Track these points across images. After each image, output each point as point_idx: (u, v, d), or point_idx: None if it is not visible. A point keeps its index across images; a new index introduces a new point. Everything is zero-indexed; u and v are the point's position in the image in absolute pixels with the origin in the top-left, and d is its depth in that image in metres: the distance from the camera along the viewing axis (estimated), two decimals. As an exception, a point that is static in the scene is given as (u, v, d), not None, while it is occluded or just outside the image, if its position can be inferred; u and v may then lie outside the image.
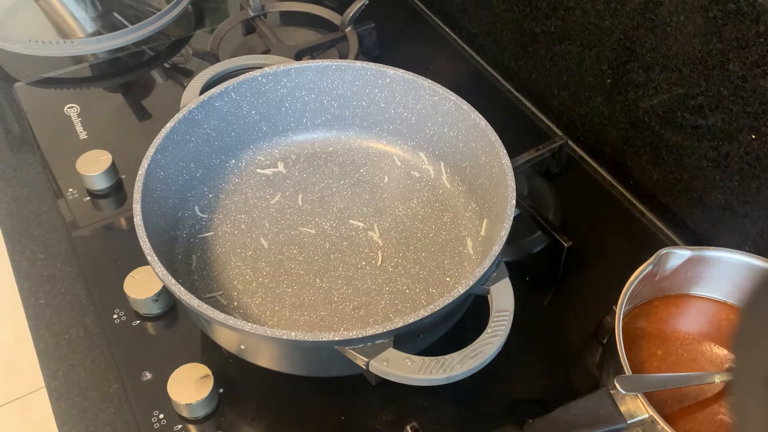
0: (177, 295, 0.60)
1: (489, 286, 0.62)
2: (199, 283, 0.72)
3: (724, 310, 0.69)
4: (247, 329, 0.57)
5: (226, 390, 0.67)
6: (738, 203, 0.73)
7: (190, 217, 0.77)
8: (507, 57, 0.98)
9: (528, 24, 0.91)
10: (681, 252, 0.66)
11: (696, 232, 0.79)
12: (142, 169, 0.68)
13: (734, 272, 0.67)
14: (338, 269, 0.73)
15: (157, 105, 0.97)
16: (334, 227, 0.77)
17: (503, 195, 0.68)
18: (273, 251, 0.75)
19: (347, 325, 0.69)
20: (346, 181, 0.82)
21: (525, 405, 0.68)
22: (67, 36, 1.06)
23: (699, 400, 0.64)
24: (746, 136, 0.69)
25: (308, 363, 0.65)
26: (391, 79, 0.80)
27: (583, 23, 0.82)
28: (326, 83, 0.82)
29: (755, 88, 0.66)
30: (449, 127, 0.79)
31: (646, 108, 0.79)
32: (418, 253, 0.75)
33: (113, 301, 0.74)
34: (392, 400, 0.67)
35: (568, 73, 0.88)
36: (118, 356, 0.70)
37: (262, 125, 0.82)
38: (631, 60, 0.78)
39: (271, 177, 0.82)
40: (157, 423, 0.65)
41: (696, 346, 0.67)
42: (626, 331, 0.63)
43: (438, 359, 0.57)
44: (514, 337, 0.60)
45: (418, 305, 0.70)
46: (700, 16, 0.68)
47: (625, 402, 0.58)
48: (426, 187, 0.81)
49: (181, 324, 0.73)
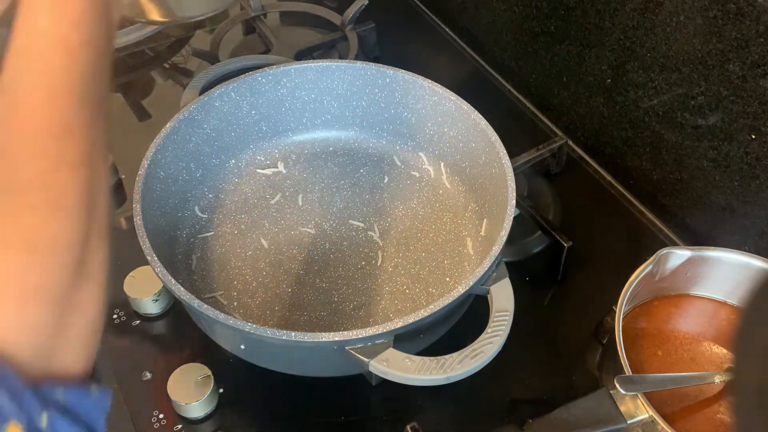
0: (177, 295, 0.60)
1: (489, 286, 0.62)
2: (199, 283, 0.72)
3: (724, 310, 0.69)
4: (247, 329, 0.57)
5: (226, 390, 0.67)
6: (738, 203, 0.73)
7: (190, 217, 0.77)
8: (507, 57, 0.98)
9: (528, 24, 0.91)
10: (681, 252, 0.66)
11: (696, 232, 0.79)
12: (142, 169, 0.68)
13: (734, 272, 0.67)
14: (338, 269, 0.73)
15: (157, 105, 0.97)
16: (334, 227, 0.77)
17: (503, 195, 0.68)
18: (273, 251, 0.75)
19: (347, 325, 0.69)
20: (346, 181, 0.82)
21: (525, 405, 0.68)
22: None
23: (699, 400, 0.64)
24: (746, 136, 0.69)
25: (308, 363, 0.65)
26: (391, 79, 0.80)
27: (583, 23, 0.82)
28: (326, 83, 0.82)
29: (755, 88, 0.66)
30: (449, 127, 0.79)
31: (646, 108, 0.79)
32: (418, 253, 0.75)
33: (113, 301, 0.73)
34: (392, 400, 0.67)
35: (568, 73, 0.88)
36: (118, 356, 0.70)
37: (262, 125, 0.82)
38: (631, 60, 0.78)
39: (271, 177, 0.82)
40: (157, 423, 0.65)
41: (696, 346, 0.67)
42: (626, 331, 0.63)
43: (438, 359, 0.57)
44: (514, 337, 0.60)
45: (418, 305, 0.70)
46: (700, 16, 0.68)
47: (625, 402, 0.58)
48: (426, 187, 0.81)
49: (181, 324, 0.73)
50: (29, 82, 0.37)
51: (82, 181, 0.37)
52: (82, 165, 0.37)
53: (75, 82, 0.38)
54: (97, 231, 0.37)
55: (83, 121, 0.38)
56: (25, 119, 0.36)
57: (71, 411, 0.34)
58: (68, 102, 0.37)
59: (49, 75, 0.37)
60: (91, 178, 0.37)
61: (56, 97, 0.37)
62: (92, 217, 0.37)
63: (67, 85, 0.37)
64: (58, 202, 0.35)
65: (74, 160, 0.37)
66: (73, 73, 0.38)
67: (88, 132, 0.38)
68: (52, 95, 0.37)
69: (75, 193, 0.36)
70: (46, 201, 0.35)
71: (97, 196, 0.37)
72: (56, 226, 0.35)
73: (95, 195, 0.37)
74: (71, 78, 0.38)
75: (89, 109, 0.38)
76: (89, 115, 0.38)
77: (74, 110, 0.37)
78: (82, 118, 0.38)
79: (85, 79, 0.38)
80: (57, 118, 0.37)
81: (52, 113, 0.37)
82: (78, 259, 0.35)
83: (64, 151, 0.36)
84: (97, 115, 0.39)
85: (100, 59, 0.39)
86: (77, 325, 0.36)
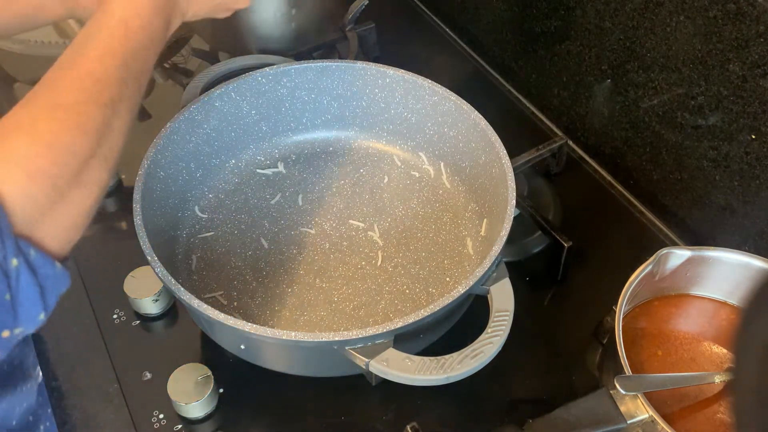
0: (177, 295, 0.60)
1: (489, 286, 0.62)
2: (199, 283, 0.72)
3: (724, 310, 0.69)
4: (247, 329, 0.57)
5: (226, 390, 0.67)
6: (738, 203, 0.73)
7: (190, 217, 0.77)
8: (507, 57, 0.98)
9: (528, 24, 0.91)
10: (681, 252, 0.66)
11: (696, 232, 0.79)
12: (142, 169, 0.68)
13: (734, 272, 0.67)
14: (338, 269, 0.73)
15: (157, 105, 0.97)
16: (334, 227, 0.77)
17: (503, 195, 0.68)
18: (273, 251, 0.75)
19: (347, 325, 0.69)
20: (346, 181, 0.82)
21: (525, 405, 0.68)
22: (67, 36, 1.06)
23: (699, 400, 0.64)
24: (746, 136, 0.69)
25: (308, 363, 0.65)
26: (391, 79, 0.80)
27: (583, 23, 0.82)
28: (326, 83, 0.82)
29: (755, 88, 0.66)
30: (449, 127, 0.79)
31: (646, 108, 0.79)
32: (418, 253, 0.75)
33: (113, 302, 0.73)
34: (392, 400, 0.67)
35: (568, 73, 0.88)
36: (118, 356, 0.70)
37: (262, 125, 0.82)
38: (631, 60, 0.78)
39: (271, 177, 0.82)
40: (157, 423, 0.65)
41: (696, 346, 0.67)
42: (626, 331, 0.63)
43: (438, 359, 0.57)
44: (514, 337, 0.60)
45: (418, 305, 0.70)
46: (700, 16, 0.68)
47: (625, 402, 0.58)
48: (426, 187, 0.81)
49: (181, 324, 0.73)
50: (93, 41, 0.49)
51: (104, 118, 0.46)
52: (107, 107, 0.46)
53: (127, 52, 0.49)
54: (103, 157, 0.46)
55: (122, 78, 0.48)
56: (80, 65, 0.47)
57: (35, 272, 0.41)
58: (115, 62, 0.48)
59: (108, 42, 0.49)
60: (111, 119, 0.47)
61: (108, 55, 0.48)
62: (101, 145, 0.46)
63: (119, 52, 0.49)
64: (79, 123, 0.45)
65: (105, 102, 0.46)
66: (127, 46, 0.50)
67: (122, 88, 0.48)
68: (105, 53, 0.48)
69: (95, 123, 0.45)
70: (70, 119, 0.44)
71: (111, 133, 0.47)
72: (71, 138, 0.44)
73: (111, 132, 0.47)
74: (124, 49, 0.49)
75: (130, 74, 0.49)
76: (128, 77, 0.49)
77: (118, 70, 0.48)
78: (123, 76, 0.48)
79: (134, 53, 0.50)
80: (103, 69, 0.47)
81: (100, 65, 0.47)
82: (80, 166, 0.44)
83: (99, 93, 0.46)
84: (134, 81, 0.50)
85: (151, 44, 0.52)
86: (65, 214, 0.44)
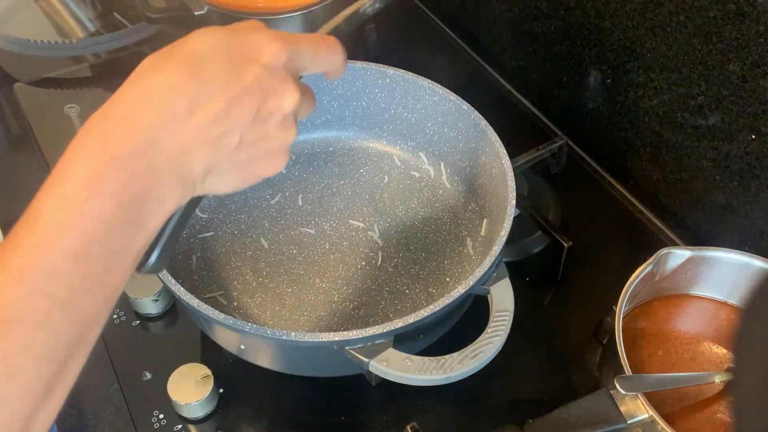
0: (177, 295, 0.60)
1: (489, 286, 0.62)
2: (199, 283, 0.72)
3: (724, 310, 0.69)
4: (247, 329, 0.57)
5: (226, 390, 0.67)
6: (738, 203, 0.73)
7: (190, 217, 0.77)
8: (507, 57, 0.98)
9: (528, 24, 0.91)
10: (681, 252, 0.66)
11: (696, 232, 0.79)
12: (142, 169, 0.68)
13: (734, 272, 0.67)
14: (338, 269, 0.73)
15: (157, 105, 0.97)
16: (334, 227, 0.77)
17: (503, 195, 0.68)
18: (273, 251, 0.75)
19: (347, 325, 0.69)
20: (346, 181, 0.82)
21: (525, 405, 0.68)
22: (67, 36, 1.06)
23: (699, 400, 0.63)
24: (746, 136, 0.69)
25: (308, 363, 0.65)
26: (391, 79, 0.80)
27: (583, 23, 0.82)
28: (326, 83, 0.82)
29: (755, 88, 0.66)
30: (449, 127, 0.79)
31: (646, 108, 0.79)
32: (418, 253, 0.75)
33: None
34: (392, 400, 0.67)
35: (568, 73, 0.88)
36: (118, 356, 0.70)
37: (262, 125, 0.82)
38: (631, 60, 0.78)
39: (271, 177, 0.82)
40: (157, 423, 0.65)
41: (696, 346, 0.67)
42: (626, 331, 0.63)
43: (438, 359, 0.57)
44: (514, 337, 0.60)
45: (418, 305, 0.70)
46: (700, 16, 0.68)
47: (625, 402, 0.58)
48: (426, 187, 0.81)
49: (181, 324, 0.73)
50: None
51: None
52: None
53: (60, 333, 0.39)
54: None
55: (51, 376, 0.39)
56: None
57: None
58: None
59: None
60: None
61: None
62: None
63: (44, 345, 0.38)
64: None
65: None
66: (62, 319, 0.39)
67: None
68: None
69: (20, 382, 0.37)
70: None
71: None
72: None
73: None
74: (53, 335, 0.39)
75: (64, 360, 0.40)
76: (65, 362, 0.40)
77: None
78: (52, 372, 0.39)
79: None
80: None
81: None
82: None
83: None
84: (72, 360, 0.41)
85: (107, 273, 0.41)
86: None
